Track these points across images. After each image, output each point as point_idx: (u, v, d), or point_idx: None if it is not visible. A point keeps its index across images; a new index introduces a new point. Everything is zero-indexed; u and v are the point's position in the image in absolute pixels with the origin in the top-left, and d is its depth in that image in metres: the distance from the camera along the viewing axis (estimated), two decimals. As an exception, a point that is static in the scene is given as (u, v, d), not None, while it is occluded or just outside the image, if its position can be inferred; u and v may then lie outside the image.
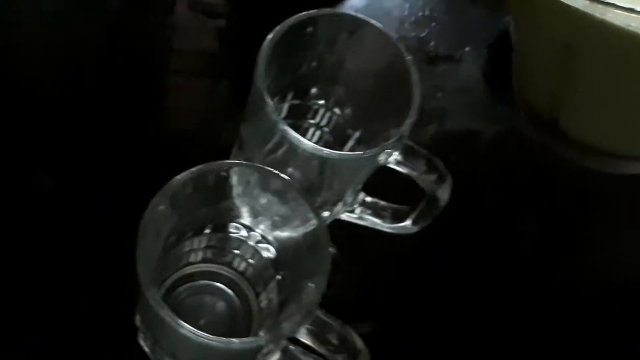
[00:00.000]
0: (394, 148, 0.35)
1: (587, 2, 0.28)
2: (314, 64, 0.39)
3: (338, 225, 0.41)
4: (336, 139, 0.43)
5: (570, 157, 0.40)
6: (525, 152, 0.49)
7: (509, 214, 0.47)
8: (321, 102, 0.42)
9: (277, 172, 0.31)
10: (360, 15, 0.36)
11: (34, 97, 0.46)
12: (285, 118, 0.43)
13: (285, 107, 0.42)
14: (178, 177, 0.30)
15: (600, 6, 0.28)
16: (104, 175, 0.44)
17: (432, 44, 0.52)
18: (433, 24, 0.52)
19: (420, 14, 0.52)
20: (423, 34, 0.52)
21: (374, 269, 0.45)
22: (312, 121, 0.43)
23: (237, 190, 0.33)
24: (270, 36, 0.34)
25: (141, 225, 0.31)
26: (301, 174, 0.36)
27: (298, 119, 0.43)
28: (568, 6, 0.29)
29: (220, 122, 0.48)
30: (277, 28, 0.34)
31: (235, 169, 0.32)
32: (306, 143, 0.33)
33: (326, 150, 0.34)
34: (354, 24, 0.36)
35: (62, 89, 0.47)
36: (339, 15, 0.35)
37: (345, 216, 0.42)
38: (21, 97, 0.46)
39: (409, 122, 0.35)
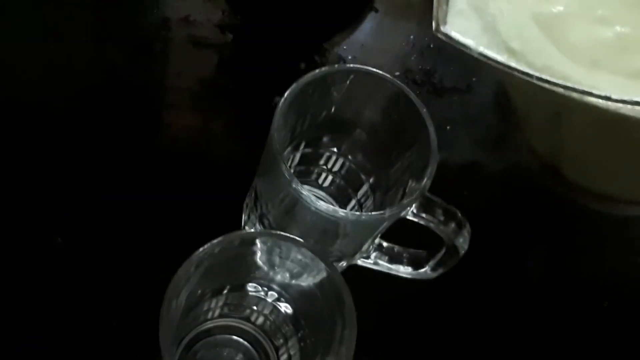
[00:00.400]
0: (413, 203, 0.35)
1: (563, 90, 0.28)
2: (325, 114, 0.38)
3: (352, 267, 0.41)
4: (349, 184, 0.43)
5: (572, 198, 0.40)
6: (535, 184, 0.49)
7: (520, 252, 0.47)
8: (334, 149, 0.41)
9: (292, 238, 0.31)
10: (372, 69, 0.35)
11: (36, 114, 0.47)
12: (298, 164, 0.42)
13: (298, 155, 0.41)
14: (201, 249, 0.30)
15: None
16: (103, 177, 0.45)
17: (438, 76, 0.51)
18: (439, 56, 0.52)
19: (426, 46, 0.52)
20: (429, 67, 0.51)
21: (388, 312, 0.45)
22: (324, 166, 0.43)
23: (257, 255, 0.33)
24: (284, 98, 0.33)
25: (165, 298, 0.30)
26: (318, 230, 0.36)
27: (310, 165, 0.43)
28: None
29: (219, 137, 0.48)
30: (291, 89, 0.34)
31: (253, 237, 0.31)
32: (322, 205, 0.33)
33: (341, 212, 0.33)
34: (366, 77, 0.36)
35: (64, 101, 0.48)
36: (350, 70, 0.35)
37: (360, 262, 0.42)
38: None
39: (427, 177, 0.34)
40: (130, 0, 0.52)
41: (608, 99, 0.28)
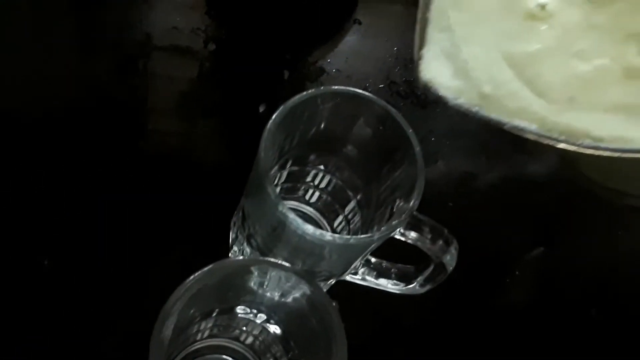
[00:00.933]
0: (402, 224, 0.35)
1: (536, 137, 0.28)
2: (312, 134, 0.38)
3: (340, 282, 0.41)
4: (336, 200, 0.43)
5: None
6: (525, 193, 0.49)
7: (510, 263, 0.48)
8: (320, 167, 0.41)
9: (280, 264, 0.31)
10: (358, 91, 0.35)
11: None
12: (285, 182, 0.42)
13: (285, 173, 0.41)
14: (192, 277, 0.30)
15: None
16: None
17: (421, 87, 0.51)
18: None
19: (409, 58, 0.52)
20: (413, 78, 0.51)
21: (378, 326, 0.45)
22: (311, 183, 0.43)
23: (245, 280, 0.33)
24: (271, 120, 0.33)
25: (157, 324, 0.30)
26: (306, 252, 0.36)
27: (297, 182, 0.43)
28: None
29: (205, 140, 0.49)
30: (279, 111, 0.34)
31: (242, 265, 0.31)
32: (309, 229, 0.33)
33: (328, 236, 0.33)
34: (353, 99, 0.36)
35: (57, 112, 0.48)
36: (337, 93, 0.35)
37: (348, 277, 0.42)
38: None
39: (415, 198, 0.34)
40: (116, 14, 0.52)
41: (579, 145, 0.28)
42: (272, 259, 0.31)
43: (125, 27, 0.51)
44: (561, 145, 0.29)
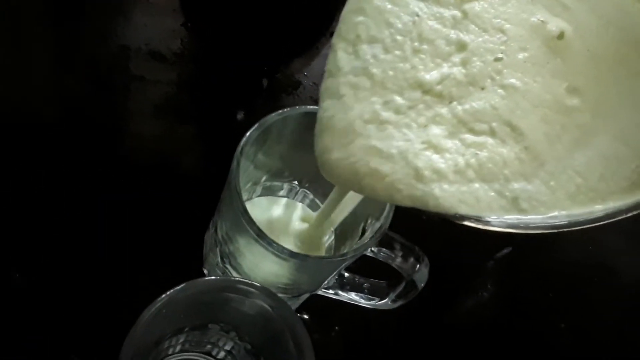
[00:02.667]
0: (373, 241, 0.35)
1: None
2: (285, 151, 0.39)
3: (313, 296, 0.42)
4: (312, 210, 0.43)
5: None
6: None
7: (484, 278, 0.48)
8: (294, 182, 0.42)
9: (250, 283, 0.31)
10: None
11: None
12: (259, 196, 0.43)
13: (259, 188, 0.42)
14: (163, 295, 0.30)
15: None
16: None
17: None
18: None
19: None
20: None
21: (350, 338, 0.45)
22: (286, 197, 0.43)
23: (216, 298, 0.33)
24: (244, 140, 0.34)
25: (126, 341, 0.30)
26: (281, 268, 0.36)
27: (272, 194, 0.43)
28: None
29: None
30: (251, 131, 0.34)
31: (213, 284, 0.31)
32: (284, 249, 0.33)
33: (302, 255, 0.33)
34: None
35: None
36: (307, 112, 0.35)
37: (321, 292, 0.42)
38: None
39: (385, 218, 0.35)
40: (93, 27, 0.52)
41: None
42: (241, 278, 0.31)
43: (102, 37, 0.51)
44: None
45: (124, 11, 0.52)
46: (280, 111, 0.34)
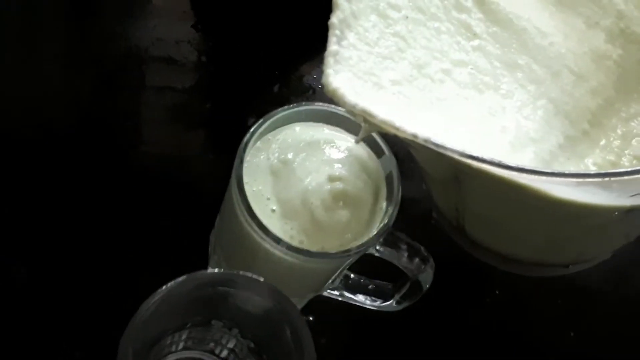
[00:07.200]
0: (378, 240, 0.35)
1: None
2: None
3: (317, 297, 0.41)
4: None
5: (477, 257, 0.40)
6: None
7: (490, 282, 0.48)
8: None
9: (253, 278, 0.31)
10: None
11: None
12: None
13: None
14: (164, 287, 0.30)
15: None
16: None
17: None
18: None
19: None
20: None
21: (353, 339, 0.45)
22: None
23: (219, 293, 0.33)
24: (247, 135, 0.34)
25: (127, 333, 0.30)
26: (284, 271, 0.36)
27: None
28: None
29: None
30: (255, 126, 0.34)
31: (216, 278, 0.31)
32: (285, 251, 0.33)
33: (305, 250, 0.33)
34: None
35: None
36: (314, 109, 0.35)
37: (326, 293, 0.42)
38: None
39: (390, 216, 0.34)
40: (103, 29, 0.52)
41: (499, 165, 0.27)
42: (245, 273, 0.31)
43: (111, 39, 0.51)
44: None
45: (133, 13, 0.52)
46: (286, 107, 0.34)
